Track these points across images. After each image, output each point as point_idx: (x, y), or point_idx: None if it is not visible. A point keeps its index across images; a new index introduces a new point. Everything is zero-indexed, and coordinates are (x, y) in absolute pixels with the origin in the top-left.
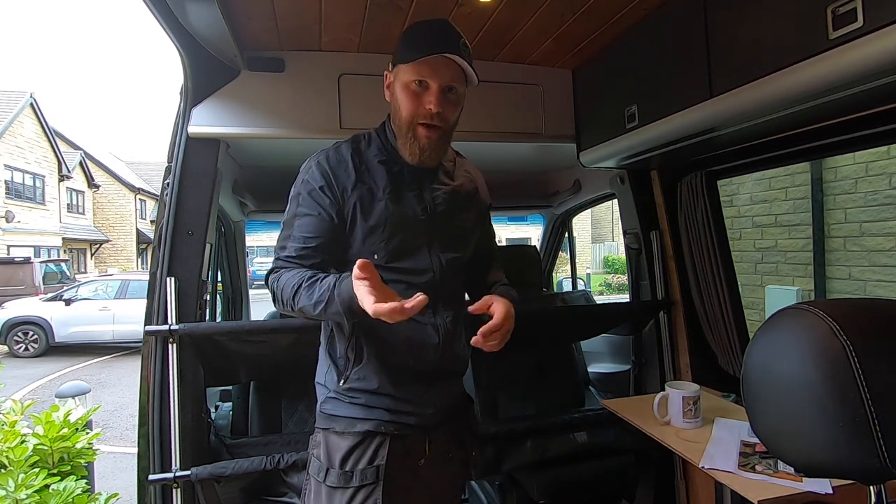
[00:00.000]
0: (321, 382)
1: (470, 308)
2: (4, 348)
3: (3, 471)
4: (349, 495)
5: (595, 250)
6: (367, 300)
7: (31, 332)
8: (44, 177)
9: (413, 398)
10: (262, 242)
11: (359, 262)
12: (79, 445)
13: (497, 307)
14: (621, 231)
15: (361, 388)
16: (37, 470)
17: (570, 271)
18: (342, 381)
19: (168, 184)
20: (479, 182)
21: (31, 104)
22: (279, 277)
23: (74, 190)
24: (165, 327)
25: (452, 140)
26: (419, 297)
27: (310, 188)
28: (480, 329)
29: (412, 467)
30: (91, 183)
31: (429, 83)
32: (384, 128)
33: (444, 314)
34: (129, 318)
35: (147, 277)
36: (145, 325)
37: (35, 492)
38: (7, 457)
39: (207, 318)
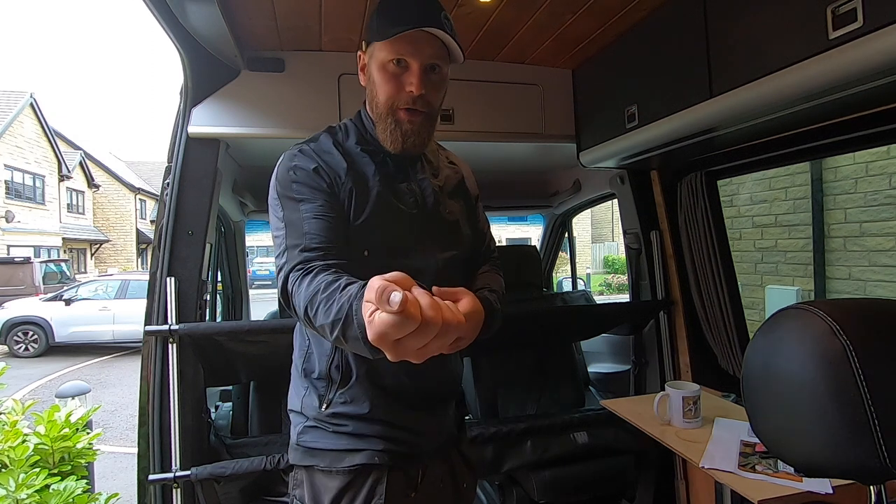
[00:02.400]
0: (296, 409)
1: (434, 289)
2: (4, 348)
3: (3, 470)
4: None
5: (595, 250)
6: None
7: (31, 332)
8: (44, 177)
9: (409, 424)
10: (262, 242)
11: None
12: (79, 445)
13: (463, 303)
14: (621, 231)
15: (349, 412)
16: (37, 470)
17: (570, 271)
18: (324, 406)
19: (168, 184)
20: (465, 172)
21: (31, 104)
22: (299, 285)
23: (74, 190)
24: (165, 327)
25: (453, 140)
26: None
27: (303, 173)
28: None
29: (404, 501)
30: (91, 183)
31: (408, 62)
32: (360, 116)
33: None
34: (129, 318)
35: (147, 277)
36: (145, 325)
37: (35, 491)
38: (8, 456)
39: (207, 318)
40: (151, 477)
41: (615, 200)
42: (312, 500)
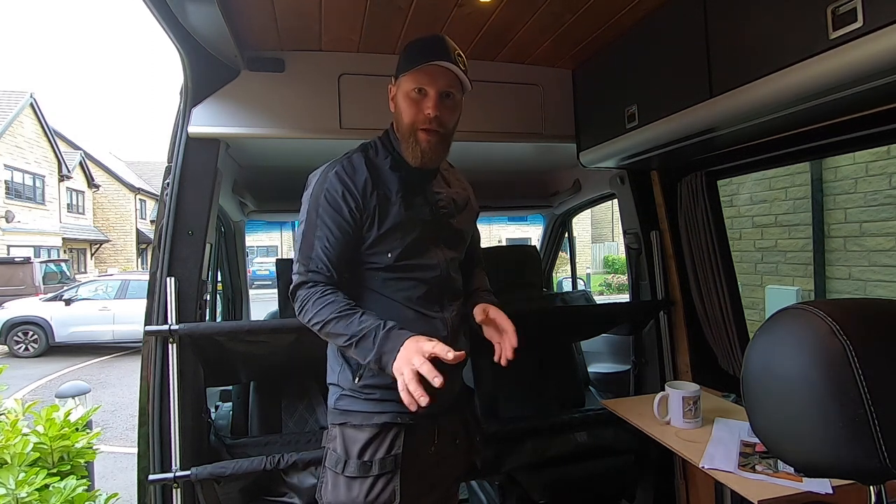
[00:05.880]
0: (334, 383)
1: (478, 319)
2: (4, 348)
3: (2, 467)
4: (368, 484)
5: (595, 250)
6: (410, 380)
7: (31, 332)
8: (44, 177)
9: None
10: (262, 242)
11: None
12: (79, 445)
13: (496, 314)
14: (621, 231)
15: (376, 383)
16: (37, 468)
17: (570, 271)
18: (357, 379)
19: (168, 184)
20: (470, 190)
21: (31, 104)
22: (309, 298)
23: (74, 190)
24: (165, 327)
25: (453, 140)
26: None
27: (330, 197)
28: (506, 351)
29: (423, 454)
30: (91, 183)
31: (427, 90)
32: (388, 136)
33: (450, 309)
34: (129, 318)
35: (147, 277)
36: (145, 325)
37: (35, 490)
38: (9, 453)
39: (207, 318)
40: (151, 477)
41: (615, 200)
42: (344, 450)
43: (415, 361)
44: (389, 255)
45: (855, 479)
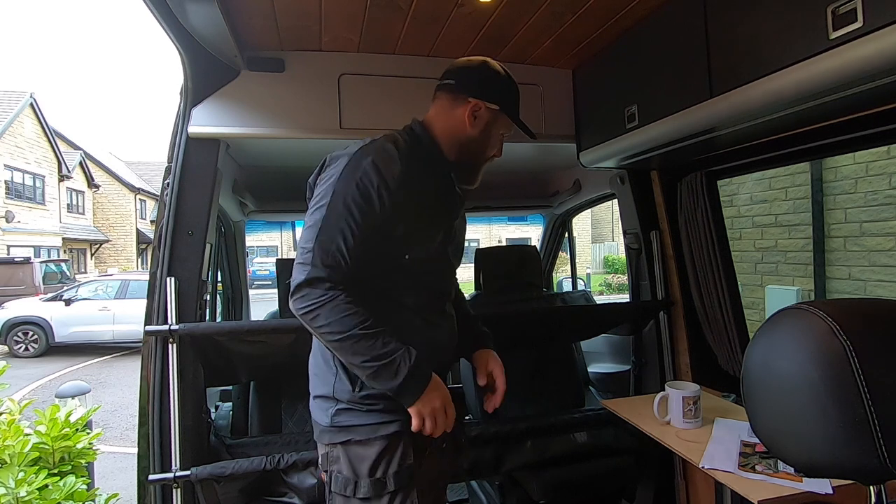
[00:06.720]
0: (327, 395)
1: (480, 382)
2: (4, 348)
3: (2, 467)
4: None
5: (595, 250)
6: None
7: (31, 332)
8: (44, 177)
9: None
10: (262, 242)
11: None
12: (80, 445)
13: (496, 372)
14: (621, 231)
15: (380, 393)
16: (37, 468)
17: (570, 271)
18: (357, 389)
19: (168, 184)
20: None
21: (31, 104)
22: (325, 301)
23: (74, 190)
24: (165, 327)
25: None
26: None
27: (363, 187)
28: (491, 403)
29: (420, 461)
30: (91, 183)
31: (505, 135)
32: (416, 136)
33: (450, 316)
34: (129, 318)
35: (147, 277)
36: (145, 325)
37: (35, 489)
38: (8, 453)
39: (207, 318)
40: (151, 477)
41: (615, 200)
42: (351, 470)
43: (438, 418)
44: (406, 258)
45: (855, 479)
